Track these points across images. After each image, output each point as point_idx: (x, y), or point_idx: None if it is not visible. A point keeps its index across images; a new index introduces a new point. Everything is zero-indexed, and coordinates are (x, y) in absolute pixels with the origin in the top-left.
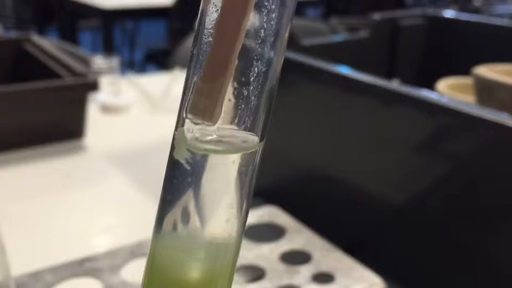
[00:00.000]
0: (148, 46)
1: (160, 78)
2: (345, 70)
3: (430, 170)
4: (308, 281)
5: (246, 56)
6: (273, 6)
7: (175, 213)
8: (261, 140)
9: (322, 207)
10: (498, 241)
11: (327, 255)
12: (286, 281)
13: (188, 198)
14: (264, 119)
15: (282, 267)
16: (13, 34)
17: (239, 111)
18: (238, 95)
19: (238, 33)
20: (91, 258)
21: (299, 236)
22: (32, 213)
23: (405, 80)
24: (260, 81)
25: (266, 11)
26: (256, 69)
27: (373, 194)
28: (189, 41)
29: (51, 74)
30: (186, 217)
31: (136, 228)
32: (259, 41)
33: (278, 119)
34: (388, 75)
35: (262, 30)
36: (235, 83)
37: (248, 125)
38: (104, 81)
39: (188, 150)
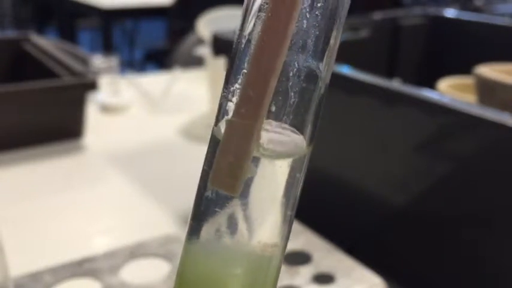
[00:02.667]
0: (147, 45)
1: (159, 77)
2: (345, 70)
3: (431, 170)
4: (308, 281)
5: None
6: None
7: (217, 221)
8: (309, 144)
9: (322, 208)
10: (499, 241)
11: (327, 256)
12: (286, 282)
13: (234, 205)
14: (312, 122)
15: (282, 267)
16: (12, 33)
17: (273, 105)
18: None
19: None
20: (90, 259)
21: (299, 237)
22: (30, 213)
23: (406, 80)
24: (301, 77)
25: (309, 1)
26: (296, 63)
27: (373, 194)
28: (189, 41)
29: (50, 74)
30: (231, 226)
31: (136, 228)
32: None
33: None
34: (389, 75)
35: (305, 21)
36: None
37: (288, 123)
38: (103, 81)
39: None
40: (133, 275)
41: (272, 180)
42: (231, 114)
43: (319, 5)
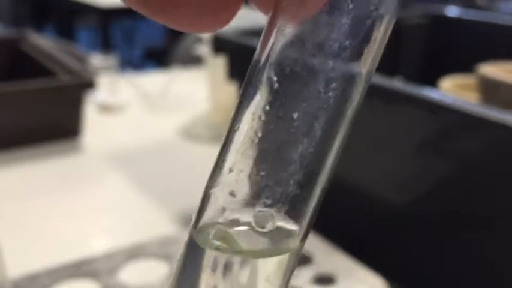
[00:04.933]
0: (146, 44)
1: (158, 77)
2: None
3: (432, 171)
4: (309, 283)
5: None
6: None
7: None
8: (303, 239)
9: (322, 208)
10: (500, 242)
11: (328, 257)
12: None
13: None
14: (312, 211)
15: None
16: (9, 32)
17: (263, 191)
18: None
19: None
20: (88, 260)
21: None
22: (28, 213)
23: (408, 79)
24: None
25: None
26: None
27: (374, 194)
28: (188, 40)
29: (48, 73)
30: None
31: (134, 229)
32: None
33: None
34: (391, 74)
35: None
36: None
37: (282, 211)
38: (102, 80)
39: (214, 253)
40: (132, 276)
41: (258, 281)
42: (213, 215)
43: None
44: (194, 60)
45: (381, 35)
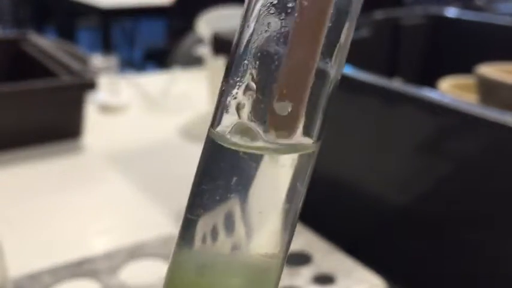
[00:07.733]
0: (147, 45)
1: (159, 77)
2: (346, 70)
3: (432, 171)
4: (309, 282)
5: None
6: None
7: (210, 224)
8: (316, 141)
9: (322, 208)
10: (500, 242)
11: (327, 257)
12: (286, 283)
13: (231, 206)
14: (320, 120)
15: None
16: (11, 33)
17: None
18: None
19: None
20: (89, 260)
21: (299, 237)
22: (29, 213)
23: (407, 79)
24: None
25: None
26: None
27: (374, 194)
28: (189, 40)
29: (49, 74)
30: (228, 231)
31: (135, 229)
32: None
33: None
34: (390, 75)
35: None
36: None
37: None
38: (103, 81)
39: (232, 150)
40: (133, 275)
41: (274, 181)
42: (232, 109)
43: None
44: (194, 61)
45: (347, 35)
